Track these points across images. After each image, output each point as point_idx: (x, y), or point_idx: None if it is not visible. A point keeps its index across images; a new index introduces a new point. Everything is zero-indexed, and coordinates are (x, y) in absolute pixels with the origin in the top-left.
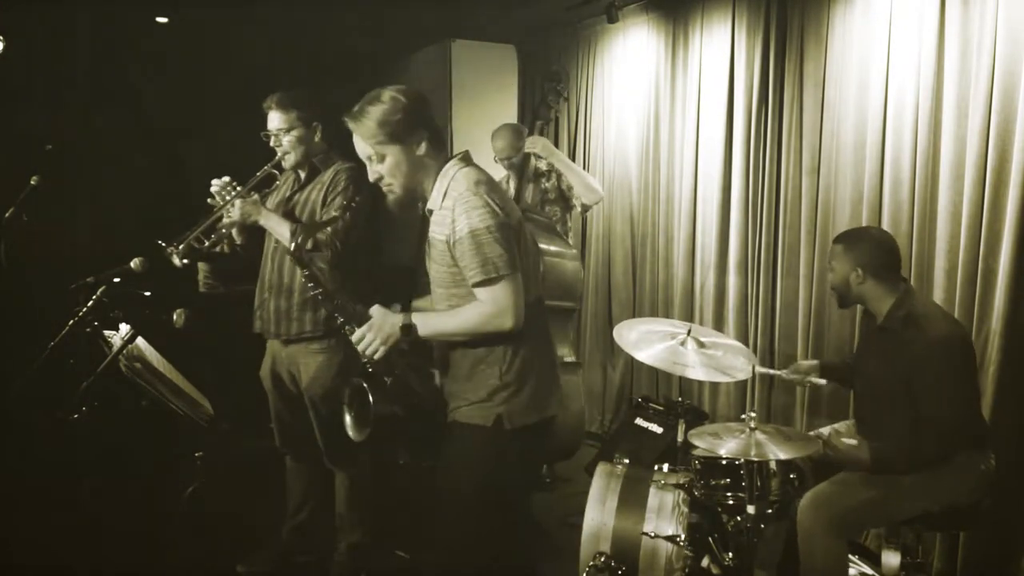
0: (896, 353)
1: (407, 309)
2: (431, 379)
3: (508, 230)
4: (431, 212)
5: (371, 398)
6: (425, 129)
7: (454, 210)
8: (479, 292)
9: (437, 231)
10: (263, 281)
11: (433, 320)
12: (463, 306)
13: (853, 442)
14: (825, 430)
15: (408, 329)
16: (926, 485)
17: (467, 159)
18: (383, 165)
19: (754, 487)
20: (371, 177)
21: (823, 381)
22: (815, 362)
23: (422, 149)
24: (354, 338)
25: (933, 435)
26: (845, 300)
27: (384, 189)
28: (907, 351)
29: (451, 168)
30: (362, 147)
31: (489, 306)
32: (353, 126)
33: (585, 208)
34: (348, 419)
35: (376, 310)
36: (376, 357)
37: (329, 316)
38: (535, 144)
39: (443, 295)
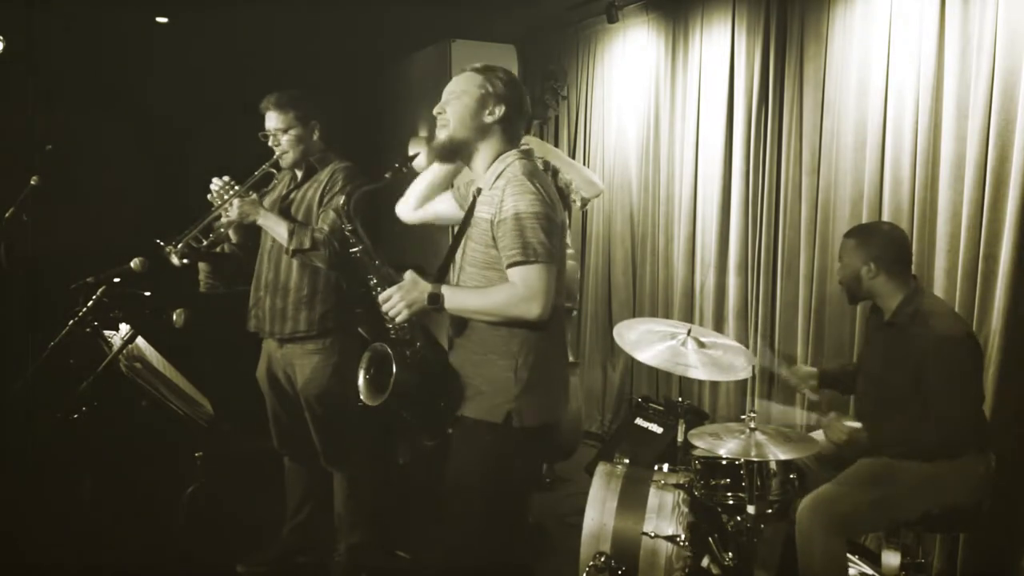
0: (903, 349)
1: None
2: (447, 358)
3: (552, 223)
4: (479, 191)
5: (394, 365)
6: (505, 106)
7: (504, 191)
8: (512, 273)
9: (483, 210)
10: (259, 279)
11: (461, 294)
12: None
13: (856, 424)
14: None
15: (435, 298)
16: (927, 486)
17: (528, 154)
18: (450, 105)
19: (754, 487)
20: (435, 110)
21: (816, 397)
22: (814, 370)
23: (493, 116)
24: (381, 297)
25: (937, 430)
26: (855, 295)
27: (439, 122)
28: (915, 347)
29: (510, 156)
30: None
31: (520, 288)
32: (459, 76)
33: (585, 202)
34: (361, 382)
35: (408, 274)
36: (398, 320)
37: (325, 314)
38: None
39: (473, 275)
